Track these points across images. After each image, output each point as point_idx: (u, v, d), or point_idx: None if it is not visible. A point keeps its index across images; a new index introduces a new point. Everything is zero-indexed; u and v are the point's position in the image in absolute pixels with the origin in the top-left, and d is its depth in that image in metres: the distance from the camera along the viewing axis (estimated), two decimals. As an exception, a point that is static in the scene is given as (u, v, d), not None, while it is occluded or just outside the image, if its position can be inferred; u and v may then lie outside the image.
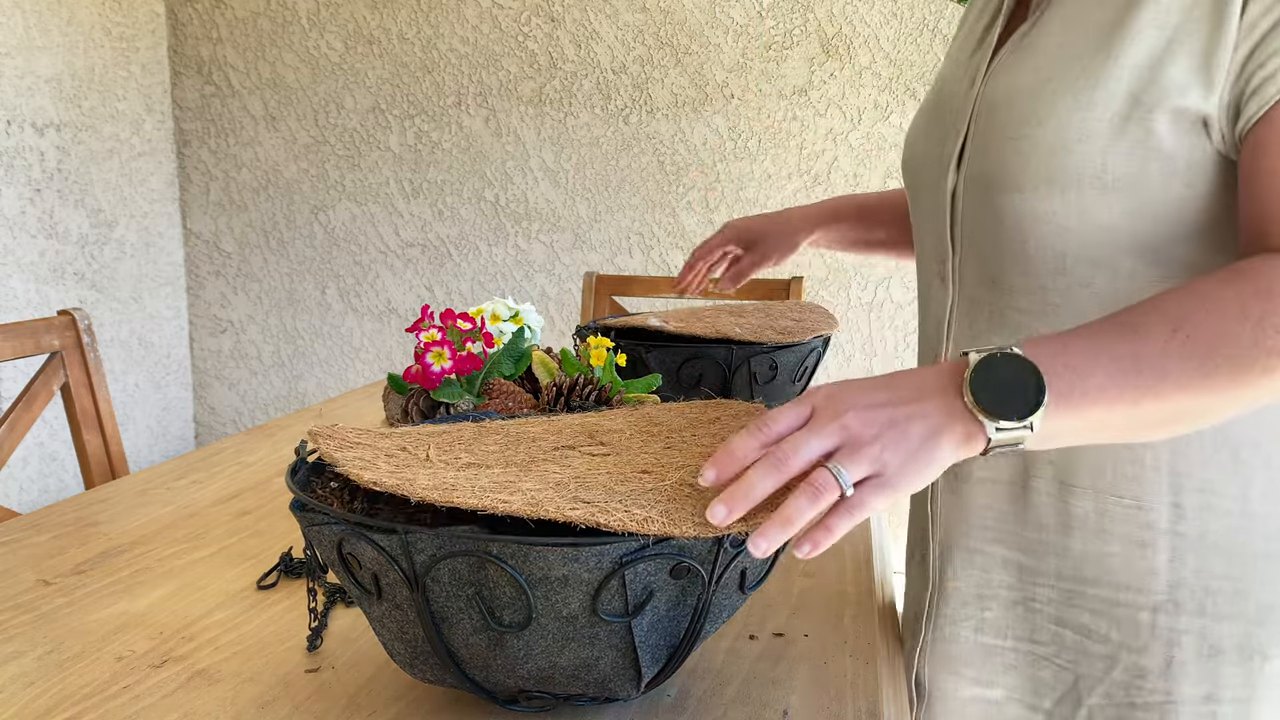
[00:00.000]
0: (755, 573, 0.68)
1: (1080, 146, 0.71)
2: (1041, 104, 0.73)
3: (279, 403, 3.28)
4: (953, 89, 0.85)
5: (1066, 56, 0.74)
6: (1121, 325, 0.61)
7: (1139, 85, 0.69)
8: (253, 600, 0.91)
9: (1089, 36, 0.73)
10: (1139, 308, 0.62)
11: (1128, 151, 0.70)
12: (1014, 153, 0.75)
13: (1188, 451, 0.73)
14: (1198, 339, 0.60)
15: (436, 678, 0.67)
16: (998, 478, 0.81)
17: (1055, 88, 0.73)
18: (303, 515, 0.66)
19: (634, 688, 0.66)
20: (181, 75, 3.16)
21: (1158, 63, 0.69)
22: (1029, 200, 0.74)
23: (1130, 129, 0.70)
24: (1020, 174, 0.74)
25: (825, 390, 0.62)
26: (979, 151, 0.79)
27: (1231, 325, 0.60)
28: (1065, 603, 0.79)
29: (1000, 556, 0.82)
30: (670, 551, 0.61)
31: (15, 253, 2.69)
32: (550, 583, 0.59)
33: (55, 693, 0.74)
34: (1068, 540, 0.78)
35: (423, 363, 1.19)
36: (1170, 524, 0.75)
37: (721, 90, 2.82)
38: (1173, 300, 0.62)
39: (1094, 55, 0.72)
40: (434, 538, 0.60)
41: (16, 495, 2.72)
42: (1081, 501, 0.77)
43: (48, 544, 1.04)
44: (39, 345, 1.50)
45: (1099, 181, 0.71)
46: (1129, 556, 0.76)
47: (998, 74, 0.79)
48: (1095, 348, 0.61)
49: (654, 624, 0.63)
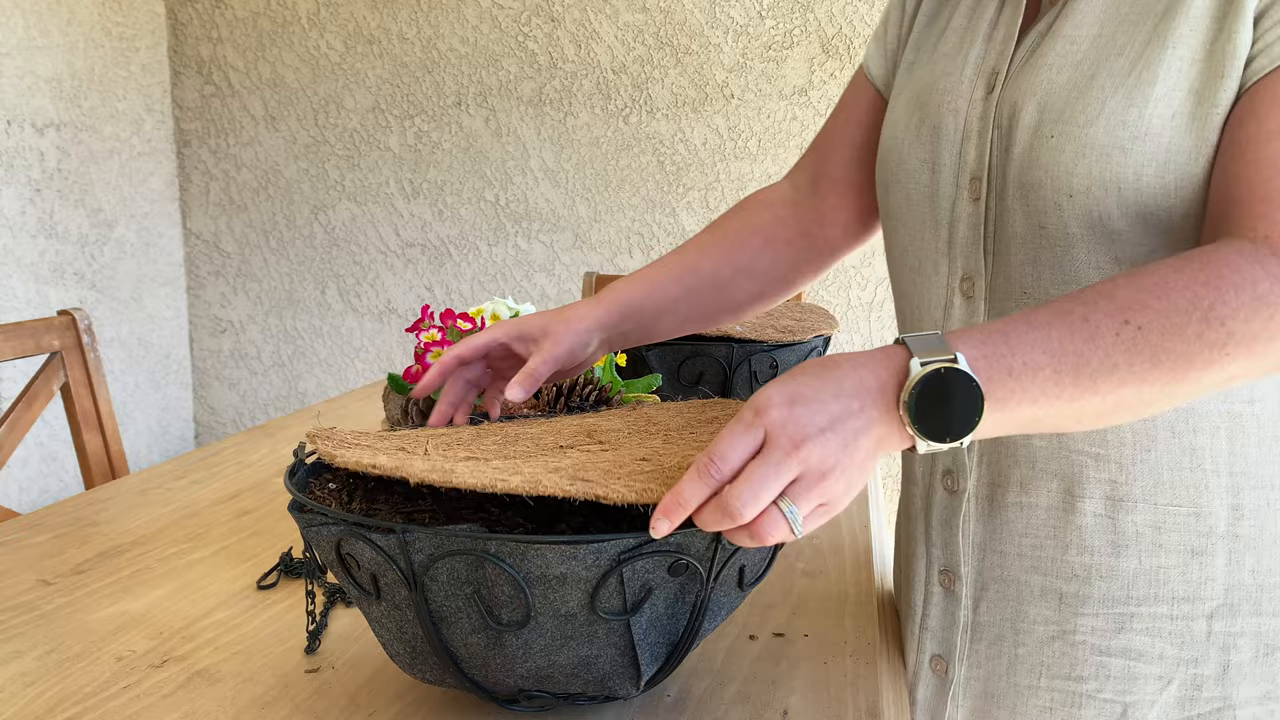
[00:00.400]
0: (754, 570, 0.68)
1: (1138, 145, 0.67)
2: (1090, 101, 0.69)
3: (279, 403, 3.28)
4: (954, 91, 0.79)
5: (1110, 49, 0.69)
6: (1072, 316, 0.59)
7: (1199, 78, 0.66)
8: (253, 600, 0.91)
9: (1132, 23, 0.69)
10: (1093, 294, 0.60)
11: (1193, 149, 0.66)
12: (1058, 154, 0.69)
13: (1245, 450, 0.72)
14: (1148, 330, 0.58)
15: (436, 678, 0.67)
16: (1036, 502, 0.76)
17: (1103, 83, 0.68)
18: (301, 516, 0.66)
19: (634, 686, 0.66)
20: (181, 75, 3.16)
21: (1214, 49, 0.65)
22: (1080, 202, 0.69)
23: (1195, 126, 0.66)
24: (1069, 175, 0.69)
25: (777, 412, 0.56)
26: (1008, 157, 0.73)
27: (1179, 317, 0.58)
28: (1114, 630, 0.75)
29: (1039, 586, 0.77)
30: (668, 549, 0.61)
31: (15, 253, 2.69)
32: (548, 581, 0.59)
33: (55, 693, 0.74)
34: (1118, 561, 0.74)
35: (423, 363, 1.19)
36: (1229, 526, 0.72)
37: (721, 90, 2.82)
38: (1127, 287, 0.60)
39: (1145, 45, 0.67)
40: (432, 537, 0.60)
41: (16, 495, 2.72)
42: (1135, 516, 0.73)
43: (47, 544, 1.04)
44: (39, 345, 1.50)
45: (1160, 181, 0.67)
46: (1185, 567, 0.73)
47: (1025, 73, 0.74)
48: (1042, 345, 0.58)
49: (653, 621, 0.63)
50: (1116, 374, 0.58)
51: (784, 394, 0.57)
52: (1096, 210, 0.68)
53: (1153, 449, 0.72)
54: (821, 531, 1.11)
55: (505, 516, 0.69)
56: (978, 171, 0.76)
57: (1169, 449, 0.72)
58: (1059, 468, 0.75)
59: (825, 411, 0.56)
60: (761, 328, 1.38)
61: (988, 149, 0.75)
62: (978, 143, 0.76)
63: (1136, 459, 0.73)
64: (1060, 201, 0.70)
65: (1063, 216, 0.70)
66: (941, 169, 0.79)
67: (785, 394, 0.57)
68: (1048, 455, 0.75)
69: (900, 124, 0.84)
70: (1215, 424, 0.72)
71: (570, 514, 0.70)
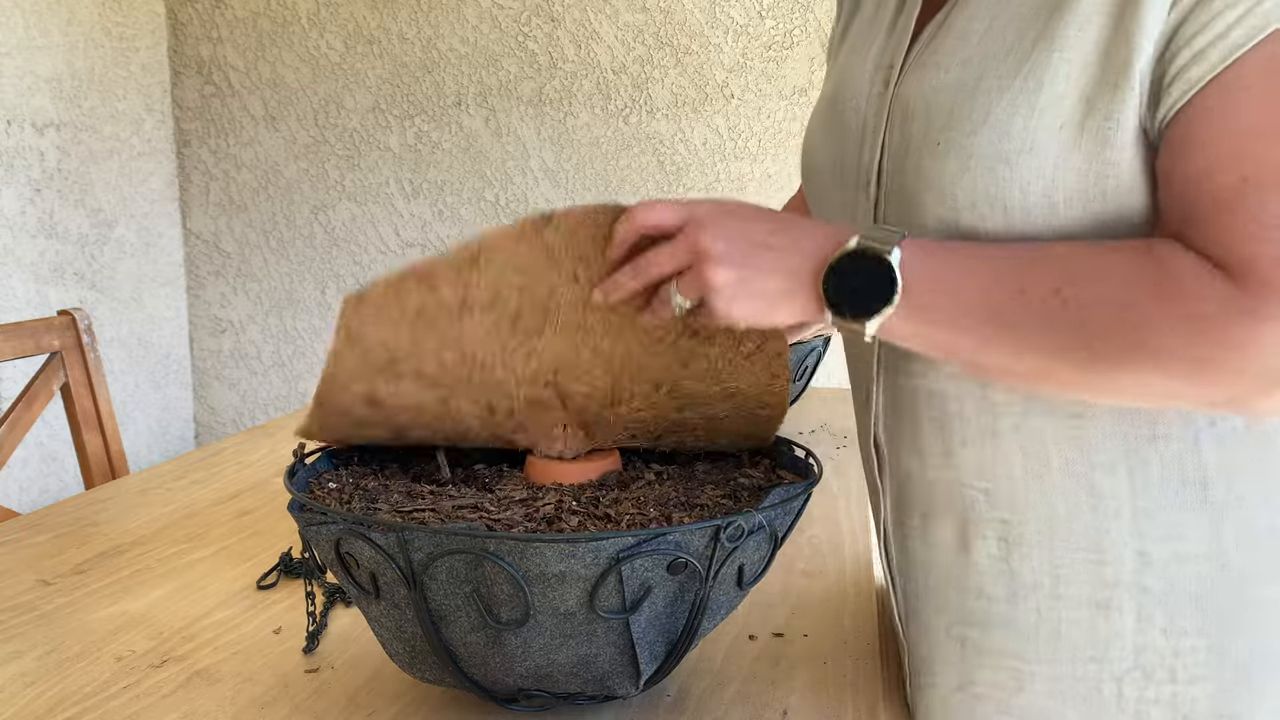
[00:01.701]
0: (753, 569, 0.68)
1: (1024, 159, 0.60)
2: (975, 106, 0.62)
3: (279, 403, 3.28)
4: (856, 87, 0.74)
5: (998, 47, 0.63)
6: (1017, 263, 0.58)
7: (1091, 85, 0.59)
8: (252, 600, 0.91)
9: (1023, 19, 0.62)
10: (1045, 253, 0.59)
11: (1082, 166, 0.59)
12: (943, 164, 0.63)
13: (1148, 491, 0.64)
14: (1071, 306, 0.56)
15: (435, 677, 0.67)
16: (937, 539, 0.70)
17: (989, 86, 0.62)
18: (300, 515, 0.66)
19: (633, 685, 0.66)
20: (181, 75, 3.16)
21: (1109, 52, 0.58)
22: (964, 218, 0.63)
23: (1084, 140, 0.59)
24: (953, 188, 0.63)
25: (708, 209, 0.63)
26: (900, 163, 0.67)
27: (1103, 309, 0.55)
28: (1014, 688, 0.68)
29: (943, 627, 0.71)
30: (666, 548, 0.61)
31: (15, 253, 2.69)
32: (547, 579, 0.60)
33: (55, 693, 0.74)
34: (1015, 609, 0.67)
35: (422, 363, 1.19)
36: (1135, 576, 0.64)
37: (721, 90, 2.82)
38: (1079, 257, 0.57)
39: (1033, 45, 0.61)
40: (431, 536, 0.60)
41: (16, 495, 2.72)
42: (1031, 561, 0.66)
43: (47, 544, 1.04)
44: (39, 345, 1.50)
45: (1047, 200, 0.60)
46: (1090, 621, 0.65)
47: (915, 70, 0.68)
48: (975, 279, 0.59)
49: (652, 620, 0.63)
50: (1029, 339, 0.57)
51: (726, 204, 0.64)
52: (981, 228, 0.62)
53: (1045, 486, 0.66)
54: (821, 531, 1.11)
55: (504, 515, 0.70)
56: (870, 174, 0.71)
57: (1064, 486, 0.65)
58: (954, 502, 0.69)
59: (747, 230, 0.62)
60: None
61: (878, 150, 0.70)
62: (872, 142, 0.71)
63: (1029, 497, 0.66)
64: (943, 215, 0.64)
65: (947, 231, 0.64)
66: (845, 169, 0.74)
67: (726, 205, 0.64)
68: (944, 488, 0.69)
69: (816, 121, 0.80)
70: (1114, 459, 0.64)
71: (569, 514, 0.70)
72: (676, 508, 0.71)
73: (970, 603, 0.69)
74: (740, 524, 0.63)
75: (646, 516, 0.69)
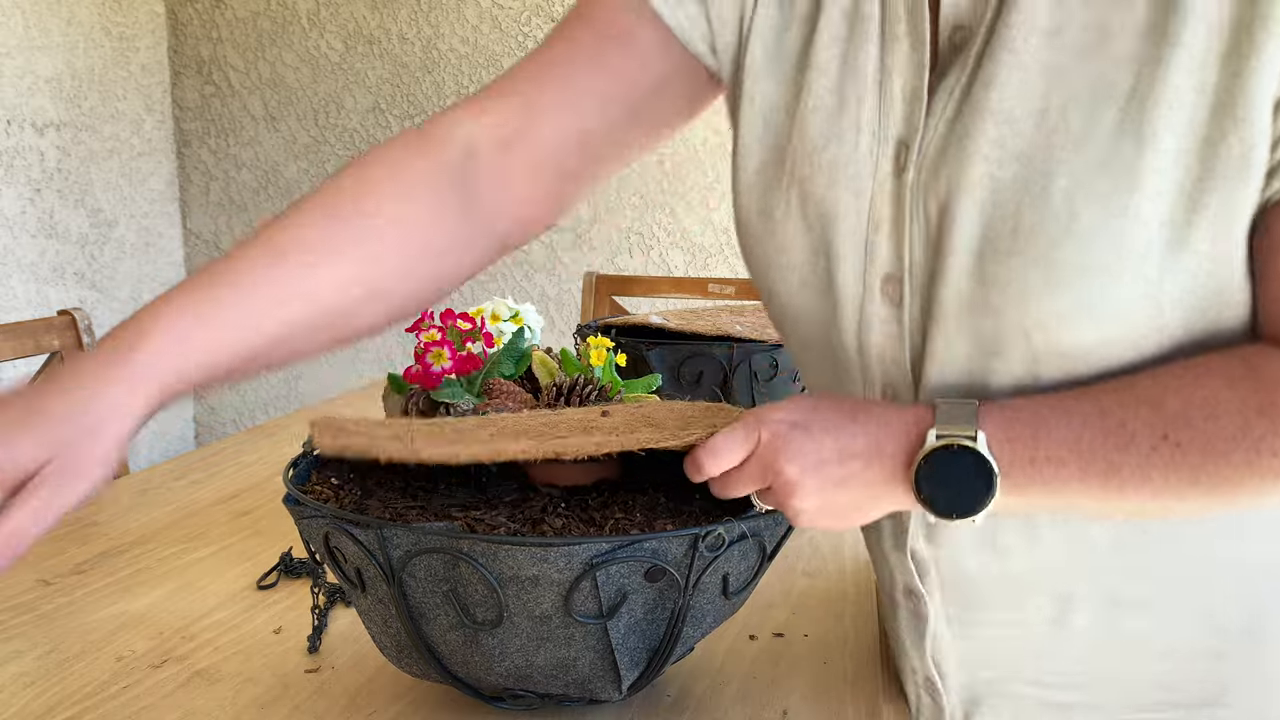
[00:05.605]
0: (740, 579, 0.67)
1: (1123, 266, 0.54)
2: (1051, 214, 0.55)
3: (279, 403, 3.28)
4: (843, 161, 0.63)
5: (1063, 137, 0.55)
6: (1108, 419, 0.55)
7: (1188, 177, 0.53)
8: (253, 600, 0.91)
9: (1092, 101, 0.55)
10: (1134, 395, 0.55)
11: (1192, 265, 0.55)
12: (1026, 278, 0.56)
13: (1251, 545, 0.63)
14: (1189, 450, 0.54)
15: (421, 672, 0.68)
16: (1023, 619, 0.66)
17: (1065, 188, 0.55)
18: (294, 509, 0.67)
19: (615, 690, 0.66)
20: (181, 75, 3.16)
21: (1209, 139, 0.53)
22: (1050, 331, 0.57)
23: (1193, 235, 0.54)
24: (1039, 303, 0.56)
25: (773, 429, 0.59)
26: (941, 266, 0.59)
27: (1225, 444, 0.54)
28: None
29: (1035, 699, 0.68)
30: (643, 554, 0.61)
31: (15, 253, 2.69)
32: (521, 582, 0.60)
33: (55, 693, 0.74)
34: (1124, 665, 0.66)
35: (423, 363, 1.19)
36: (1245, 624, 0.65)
37: (721, 90, 2.82)
38: (1170, 394, 0.55)
39: (1115, 136, 0.54)
40: (408, 533, 0.61)
41: (16, 495, 2.72)
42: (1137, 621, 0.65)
43: (47, 544, 1.04)
44: (39, 345, 1.50)
45: (1154, 304, 0.55)
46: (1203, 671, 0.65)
47: (951, 159, 0.58)
48: (1072, 443, 0.55)
49: (631, 627, 0.63)
50: (1149, 486, 0.55)
51: (793, 414, 0.59)
52: (1070, 339, 0.57)
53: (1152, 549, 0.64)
54: (821, 531, 1.11)
55: (490, 517, 0.69)
56: (895, 271, 0.62)
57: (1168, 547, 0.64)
58: (1049, 586, 0.66)
59: (821, 449, 0.58)
60: (762, 327, 1.38)
61: (907, 246, 0.61)
62: (893, 234, 0.61)
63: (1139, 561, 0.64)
64: (1028, 329, 0.57)
65: (1032, 347, 0.58)
66: (840, 258, 0.64)
67: (794, 415, 0.59)
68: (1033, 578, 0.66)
69: (769, 192, 0.67)
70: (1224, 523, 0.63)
71: (554, 516, 0.69)
72: (664, 514, 0.70)
73: (1069, 667, 0.67)
74: (720, 533, 0.62)
75: (631, 522, 0.68)
